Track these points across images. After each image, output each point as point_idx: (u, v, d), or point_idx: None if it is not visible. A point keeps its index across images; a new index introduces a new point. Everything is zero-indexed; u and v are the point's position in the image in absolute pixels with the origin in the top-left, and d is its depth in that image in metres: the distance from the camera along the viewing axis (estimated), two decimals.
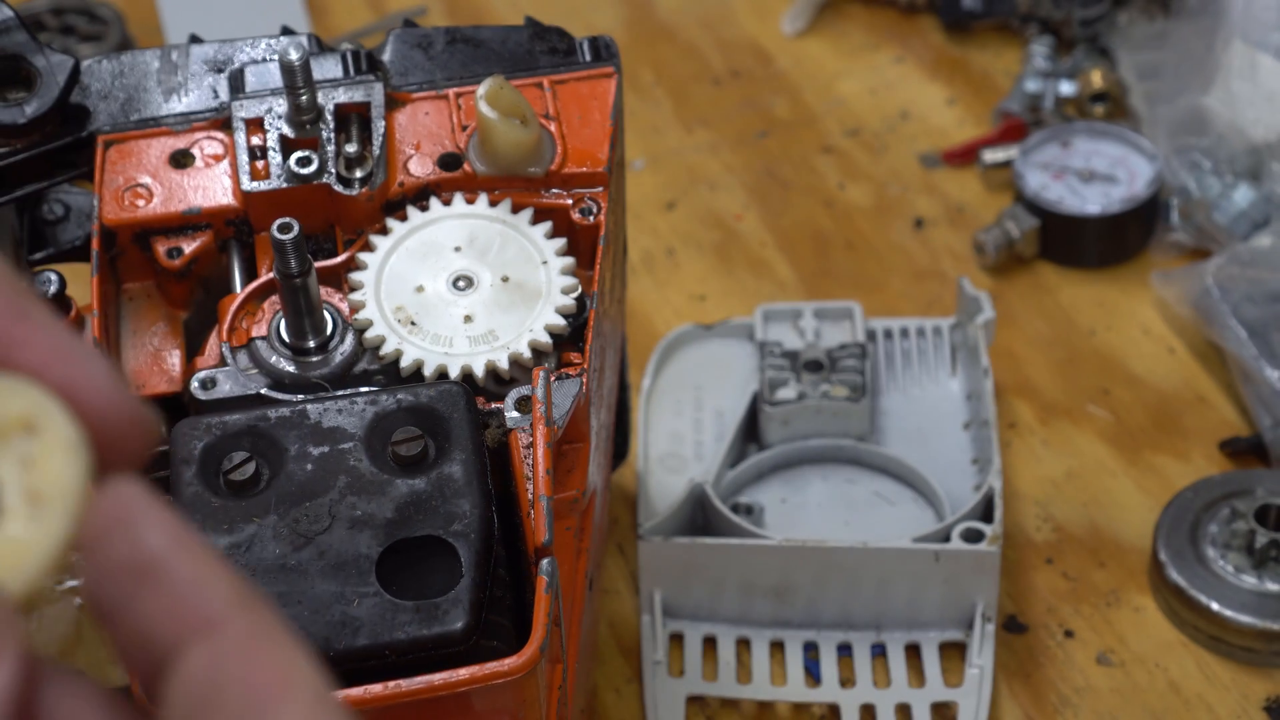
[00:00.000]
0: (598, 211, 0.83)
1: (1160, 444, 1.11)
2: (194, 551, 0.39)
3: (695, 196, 1.28)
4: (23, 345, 0.39)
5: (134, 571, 0.38)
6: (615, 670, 1.00)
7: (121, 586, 0.38)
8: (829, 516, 1.04)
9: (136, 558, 0.38)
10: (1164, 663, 1.00)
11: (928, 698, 0.98)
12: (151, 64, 0.87)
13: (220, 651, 0.38)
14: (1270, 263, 1.12)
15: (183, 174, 0.83)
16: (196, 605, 0.38)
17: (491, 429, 0.75)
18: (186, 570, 0.38)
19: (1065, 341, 1.17)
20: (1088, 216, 1.19)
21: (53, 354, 0.39)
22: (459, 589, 0.68)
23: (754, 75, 1.36)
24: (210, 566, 0.39)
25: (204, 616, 0.38)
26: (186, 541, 0.39)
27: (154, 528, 0.39)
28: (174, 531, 0.39)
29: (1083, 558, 1.05)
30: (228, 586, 0.38)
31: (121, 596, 0.38)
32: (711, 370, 1.11)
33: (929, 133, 1.31)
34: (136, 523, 0.39)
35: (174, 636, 0.38)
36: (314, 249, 0.83)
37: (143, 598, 0.38)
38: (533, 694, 0.69)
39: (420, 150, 0.84)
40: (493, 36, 0.88)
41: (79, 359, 0.40)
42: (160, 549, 0.38)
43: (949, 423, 1.08)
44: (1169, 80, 1.22)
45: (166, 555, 0.38)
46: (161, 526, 0.39)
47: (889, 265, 1.22)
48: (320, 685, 0.38)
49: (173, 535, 0.39)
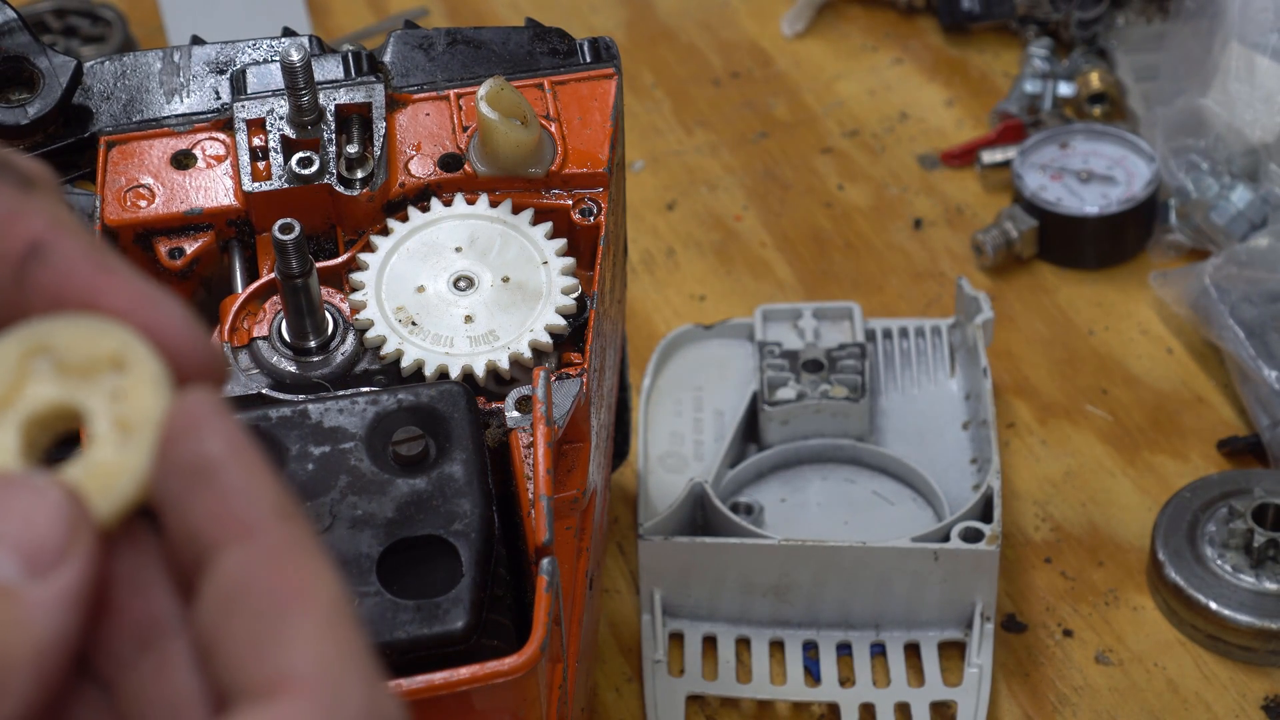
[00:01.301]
0: (598, 212, 0.83)
1: (1158, 444, 1.11)
2: (247, 461, 0.41)
3: (695, 197, 1.28)
4: (108, 293, 0.42)
5: (191, 472, 0.41)
6: (615, 669, 1.01)
7: (178, 484, 0.41)
8: (829, 516, 1.05)
9: (195, 459, 0.41)
10: (1162, 662, 1.00)
11: (927, 697, 0.98)
12: (153, 65, 0.87)
13: (251, 556, 0.40)
14: (1268, 263, 1.13)
15: (184, 175, 0.84)
16: (239, 510, 0.41)
17: (492, 429, 0.76)
18: (237, 477, 0.41)
19: (1064, 342, 1.17)
20: (1086, 217, 1.20)
21: (135, 300, 0.43)
22: (459, 588, 0.68)
23: (754, 76, 1.37)
24: (259, 477, 0.41)
25: (244, 522, 0.41)
26: (242, 451, 0.41)
27: (215, 434, 0.41)
28: (233, 440, 0.41)
29: (1081, 557, 1.05)
30: (271, 498, 0.41)
31: (177, 493, 0.41)
32: (711, 370, 1.11)
33: (928, 134, 1.31)
34: (201, 427, 0.41)
35: (215, 536, 0.41)
36: (315, 249, 0.83)
37: (194, 497, 0.41)
38: (533, 693, 0.69)
39: (421, 151, 0.84)
40: (493, 38, 0.88)
41: (158, 303, 0.43)
42: (217, 454, 0.41)
43: (948, 423, 1.09)
44: (1167, 81, 1.23)
45: (222, 461, 0.41)
46: (222, 434, 0.41)
47: (888, 266, 1.22)
48: (338, 599, 0.40)
49: (231, 443, 0.41)
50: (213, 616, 0.40)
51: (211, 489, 0.41)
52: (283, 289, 0.77)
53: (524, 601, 0.73)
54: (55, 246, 0.42)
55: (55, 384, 0.42)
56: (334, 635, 0.40)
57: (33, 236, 0.42)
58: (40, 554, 0.40)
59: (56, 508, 0.40)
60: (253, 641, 0.39)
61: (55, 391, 0.42)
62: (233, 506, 0.41)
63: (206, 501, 0.41)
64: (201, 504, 0.41)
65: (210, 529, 0.41)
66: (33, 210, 0.43)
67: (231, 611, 0.40)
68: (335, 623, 0.40)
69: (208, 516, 0.41)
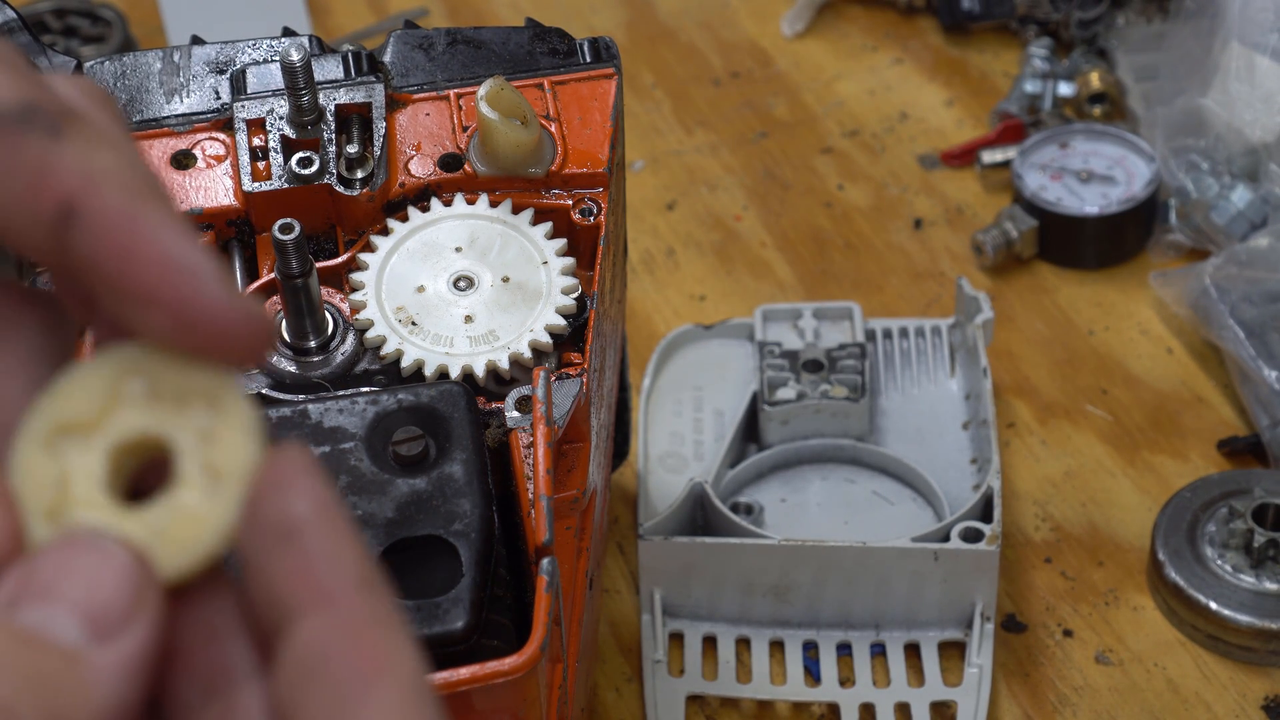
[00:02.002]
0: (598, 212, 0.83)
1: (1158, 444, 1.11)
2: (334, 526, 0.40)
3: (695, 197, 1.28)
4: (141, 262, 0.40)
5: (276, 532, 0.40)
6: (615, 669, 1.01)
7: (262, 543, 0.40)
8: (828, 516, 1.05)
9: (281, 520, 0.40)
10: (1162, 662, 1.00)
11: (927, 697, 0.98)
12: (153, 65, 0.87)
13: (331, 627, 0.39)
14: (1268, 263, 1.13)
15: (184, 175, 0.84)
16: (322, 577, 0.39)
17: (492, 429, 0.76)
18: (322, 542, 0.40)
19: (1064, 342, 1.17)
20: (1086, 217, 1.20)
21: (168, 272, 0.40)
22: (459, 588, 0.68)
23: (753, 76, 1.37)
24: (344, 544, 0.40)
25: (326, 590, 0.39)
26: (330, 515, 0.40)
27: (304, 495, 0.40)
28: (321, 502, 0.40)
29: (1081, 557, 1.05)
30: (355, 566, 0.40)
31: (259, 552, 0.40)
32: (711, 370, 1.11)
33: (928, 134, 1.31)
34: (290, 486, 0.40)
35: (296, 602, 0.39)
36: (315, 249, 0.83)
37: (277, 559, 0.40)
38: (533, 693, 0.69)
39: (421, 151, 0.84)
40: (493, 38, 0.88)
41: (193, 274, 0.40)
42: (304, 516, 0.40)
43: (948, 422, 1.09)
44: (1167, 81, 1.23)
45: (308, 524, 0.40)
46: (311, 495, 0.40)
47: (888, 265, 1.22)
48: (417, 677, 0.39)
49: (319, 505, 0.40)
50: (290, 686, 0.39)
51: (295, 552, 0.40)
52: (283, 289, 0.77)
53: (524, 601, 0.74)
54: (88, 205, 0.39)
55: (146, 412, 0.41)
56: (412, 713, 0.39)
57: (64, 194, 0.39)
58: (104, 618, 0.39)
59: (123, 570, 0.39)
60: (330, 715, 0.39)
61: (146, 421, 0.41)
62: (315, 573, 0.39)
63: (289, 565, 0.40)
64: (284, 567, 0.40)
65: (291, 593, 0.39)
66: (63, 163, 0.39)
67: (310, 682, 0.39)
68: (414, 700, 0.39)
69: (289, 580, 0.40)
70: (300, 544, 0.40)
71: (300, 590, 0.39)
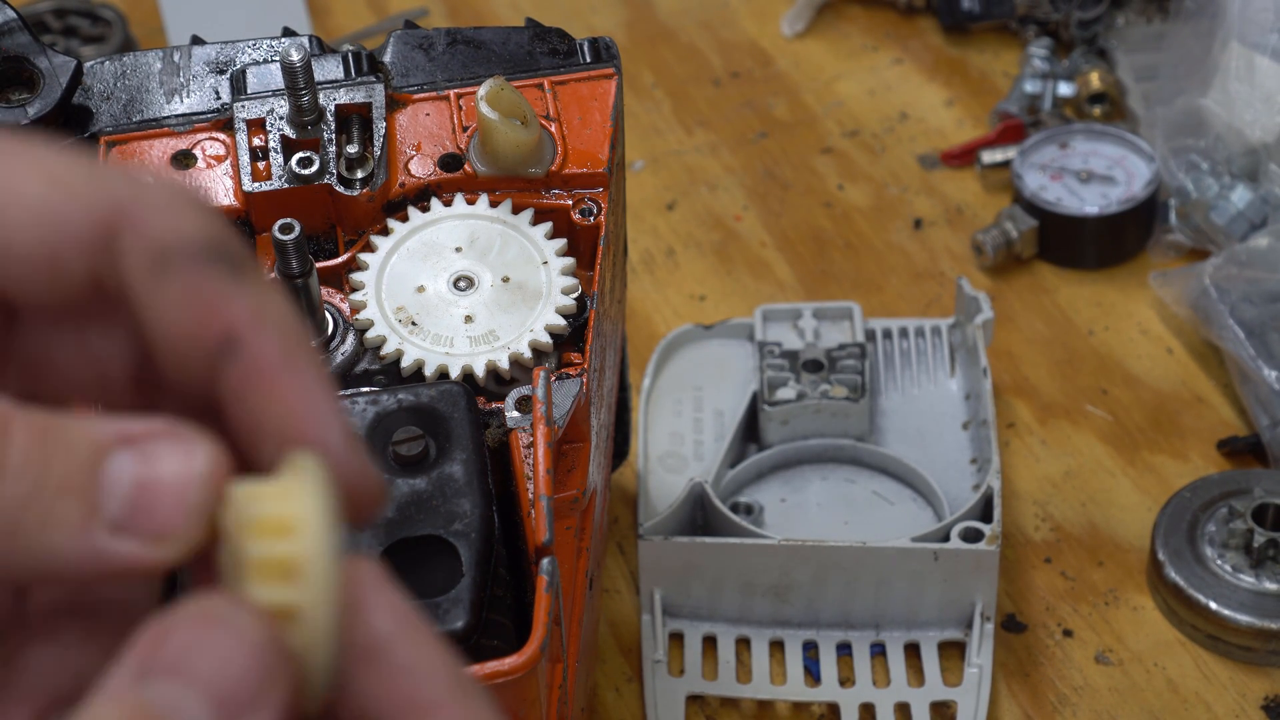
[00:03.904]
0: (598, 212, 0.83)
1: (1158, 444, 1.11)
2: (418, 636, 0.40)
3: (695, 197, 1.28)
4: (283, 403, 0.41)
5: (361, 652, 0.40)
6: (615, 669, 1.01)
7: (348, 665, 0.40)
8: (828, 516, 1.05)
9: (364, 640, 0.40)
10: (1162, 662, 1.00)
11: (927, 697, 0.98)
12: (153, 65, 0.87)
13: None
14: (1268, 263, 1.13)
15: (184, 175, 0.84)
16: (415, 691, 0.40)
17: (492, 429, 0.76)
18: (409, 654, 0.40)
19: (1063, 342, 1.17)
20: (1086, 217, 1.20)
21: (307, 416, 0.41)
22: (459, 588, 0.68)
23: (753, 76, 1.37)
24: (432, 652, 0.40)
25: (421, 702, 0.40)
26: (411, 625, 0.40)
27: (382, 610, 0.40)
28: (400, 615, 0.40)
29: (1081, 557, 1.05)
30: (447, 673, 0.40)
31: (348, 674, 0.40)
32: (711, 370, 1.11)
33: (928, 134, 1.31)
34: (367, 604, 0.40)
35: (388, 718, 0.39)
36: (315, 249, 0.83)
37: (367, 679, 0.40)
38: (533, 693, 0.69)
39: (421, 151, 0.84)
40: (493, 38, 0.88)
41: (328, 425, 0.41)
42: (386, 633, 0.40)
43: (948, 423, 1.09)
44: (1167, 81, 1.23)
45: (391, 639, 0.40)
46: (389, 609, 0.40)
47: (888, 266, 1.22)
48: None
49: (399, 618, 0.40)
50: None
51: (383, 669, 0.40)
52: (283, 289, 0.77)
53: (524, 601, 0.74)
54: (249, 341, 0.41)
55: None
56: None
57: (229, 328, 0.41)
58: (234, 700, 0.38)
59: (255, 649, 0.38)
60: None
61: None
62: (408, 687, 0.40)
63: (380, 683, 0.40)
64: (376, 685, 0.40)
65: (387, 711, 0.39)
66: (238, 299, 0.41)
67: None
68: None
69: (384, 698, 0.40)
70: (387, 660, 0.40)
71: (396, 707, 0.39)
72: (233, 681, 0.38)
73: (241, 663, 0.38)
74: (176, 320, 0.41)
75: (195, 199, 0.43)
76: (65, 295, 0.42)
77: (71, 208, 0.41)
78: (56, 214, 0.41)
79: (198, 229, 0.42)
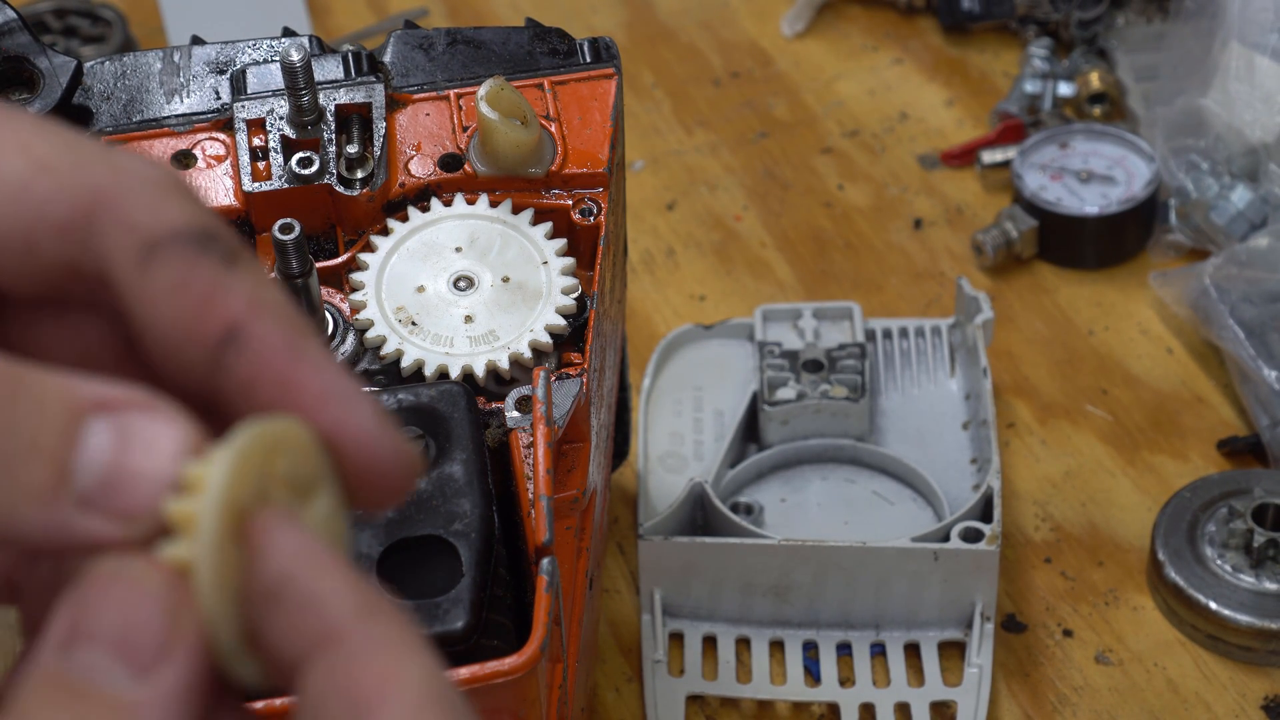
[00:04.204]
0: (598, 212, 0.83)
1: (1158, 444, 1.11)
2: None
3: (695, 197, 1.28)
4: (299, 387, 0.41)
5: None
6: (615, 669, 1.01)
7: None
8: (828, 516, 1.05)
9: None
10: (1162, 662, 1.00)
11: (927, 697, 0.98)
12: (153, 65, 0.87)
13: (331, 665, 0.39)
14: (1268, 263, 1.13)
15: (184, 175, 0.84)
16: (315, 622, 0.39)
17: (492, 429, 0.76)
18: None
19: (1063, 342, 1.17)
20: (1086, 217, 1.20)
21: (327, 397, 0.41)
22: (459, 588, 0.68)
23: (753, 76, 1.37)
24: (333, 583, 0.39)
25: (323, 632, 0.39)
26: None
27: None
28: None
29: (1081, 557, 1.05)
30: (348, 599, 0.39)
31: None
32: (711, 370, 1.11)
33: (928, 134, 1.31)
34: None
35: (299, 654, 0.39)
36: (315, 249, 0.83)
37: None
38: (533, 693, 0.69)
39: (421, 151, 0.84)
40: (493, 38, 0.88)
41: (350, 402, 0.41)
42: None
43: (948, 423, 1.09)
44: (1167, 81, 1.23)
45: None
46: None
47: (888, 266, 1.22)
48: (427, 686, 0.39)
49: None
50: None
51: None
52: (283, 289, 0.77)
53: (524, 601, 0.74)
54: (252, 331, 0.40)
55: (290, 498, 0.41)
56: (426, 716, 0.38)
57: (231, 319, 0.40)
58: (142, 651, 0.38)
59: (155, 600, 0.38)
60: None
61: None
62: (307, 620, 0.39)
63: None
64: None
65: (292, 647, 0.39)
66: (234, 289, 0.40)
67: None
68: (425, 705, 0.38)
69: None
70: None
71: (299, 641, 0.39)
72: (138, 633, 0.38)
73: (144, 615, 0.38)
74: (170, 312, 0.40)
75: (181, 185, 0.41)
76: (40, 281, 0.41)
77: (51, 190, 0.40)
78: (34, 195, 0.40)
79: (186, 216, 0.41)
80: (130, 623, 0.38)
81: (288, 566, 0.39)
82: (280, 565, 0.39)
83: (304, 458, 0.41)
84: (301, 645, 0.39)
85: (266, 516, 0.40)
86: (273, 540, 0.39)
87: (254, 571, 0.39)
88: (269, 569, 0.39)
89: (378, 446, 0.41)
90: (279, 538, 0.39)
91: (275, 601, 0.39)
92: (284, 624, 0.39)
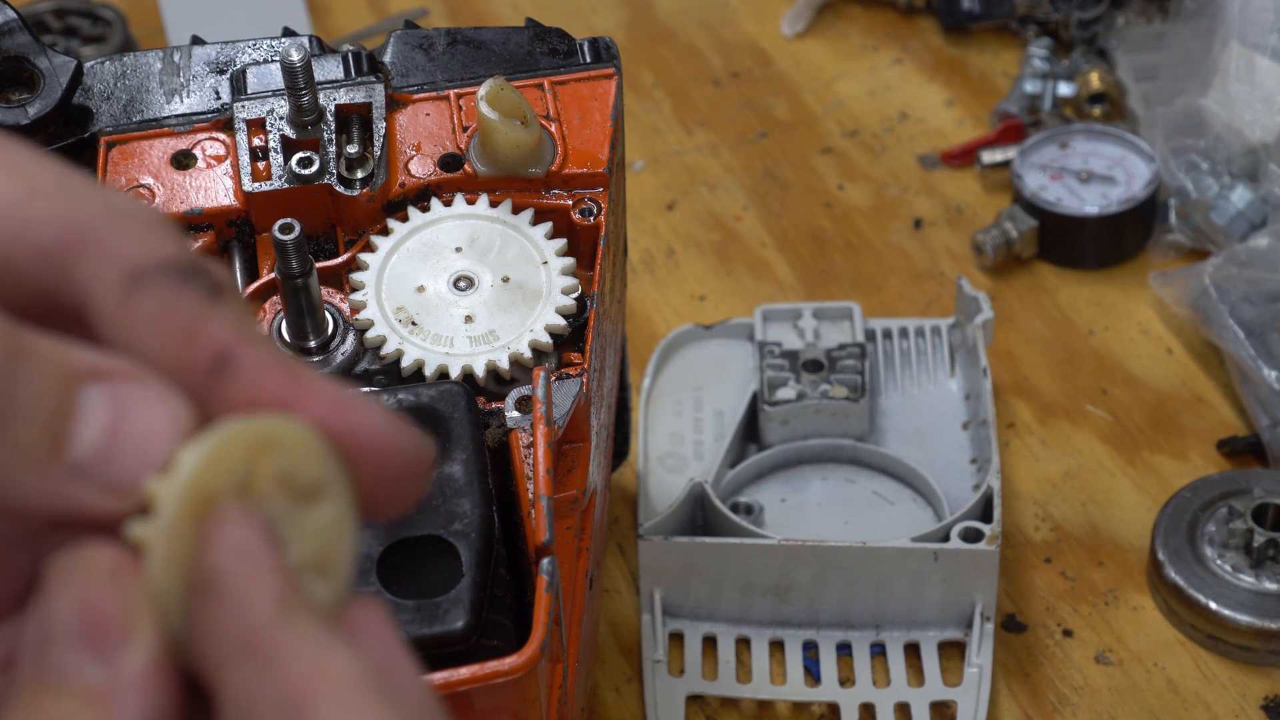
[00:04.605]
0: (598, 212, 0.83)
1: (1158, 444, 1.11)
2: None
3: (695, 197, 1.28)
4: (304, 402, 0.40)
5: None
6: (615, 669, 1.01)
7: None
8: (828, 516, 1.05)
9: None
10: (1162, 662, 1.00)
11: (927, 697, 0.98)
12: (154, 65, 0.87)
13: (259, 665, 0.38)
14: (1267, 263, 1.13)
15: (184, 175, 0.84)
16: (239, 622, 0.38)
17: (492, 429, 0.76)
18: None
19: (1063, 342, 1.17)
20: (1086, 217, 1.20)
21: (333, 407, 0.41)
22: (459, 588, 0.68)
23: (753, 76, 1.37)
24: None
25: (245, 633, 0.38)
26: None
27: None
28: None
29: (1081, 557, 1.05)
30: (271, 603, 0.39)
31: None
32: (711, 370, 1.11)
33: (928, 134, 1.31)
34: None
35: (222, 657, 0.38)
36: (315, 249, 0.83)
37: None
38: (533, 693, 0.69)
39: (421, 151, 0.84)
40: (493, 38, 0.88)
41: (357, 407, 0.41)
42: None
43: (948, 423, 1.09)
44: (1167, 81, 1.23)
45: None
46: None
47: (888, 266, 1.22)
48: (359, 678, 0.38)
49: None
50: None
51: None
52: (283, 289, 0.77)
53: (524, 601, 0.74)
54: (244, 355, 0.40)
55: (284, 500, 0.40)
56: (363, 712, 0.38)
57: (219, 347, 0.40)
58: (103, 637, 0.38)
59: (108, 582, 0.38)
60: None
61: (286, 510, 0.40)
62: (232, 620, 0.38)
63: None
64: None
65: (218, 652, 0.39)
66: (220, 318, 0.40)
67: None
68: (360, 700, 0.38)
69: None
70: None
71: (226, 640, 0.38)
72: (96, 618, 0.38)
73: (98, 599, 0.38)
74: (155, 340, 0.40)
75: (169, 223, 0.41)
76: (16, 304, 0.41)
77: (37, 212, 0.40)
78: (19, 215, 0.40)
79: (173, 250, 0.41)
80: (87, 609, 0.38)
81: (225, 561, 0.39)
82: (218, 559, 0.39)
83: (306, 460, 0.40)
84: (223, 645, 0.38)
85: (225, 508, 0.39)
86: (220, 532, 0.39)
87: (196, 561, 0.39)
88: (207, 560, 0.39)
89: (394, 439, 0.41)
90: (226, 530, 0.39)
91: (204, 593, 0.39)
92: (208, 620, 0.39)
